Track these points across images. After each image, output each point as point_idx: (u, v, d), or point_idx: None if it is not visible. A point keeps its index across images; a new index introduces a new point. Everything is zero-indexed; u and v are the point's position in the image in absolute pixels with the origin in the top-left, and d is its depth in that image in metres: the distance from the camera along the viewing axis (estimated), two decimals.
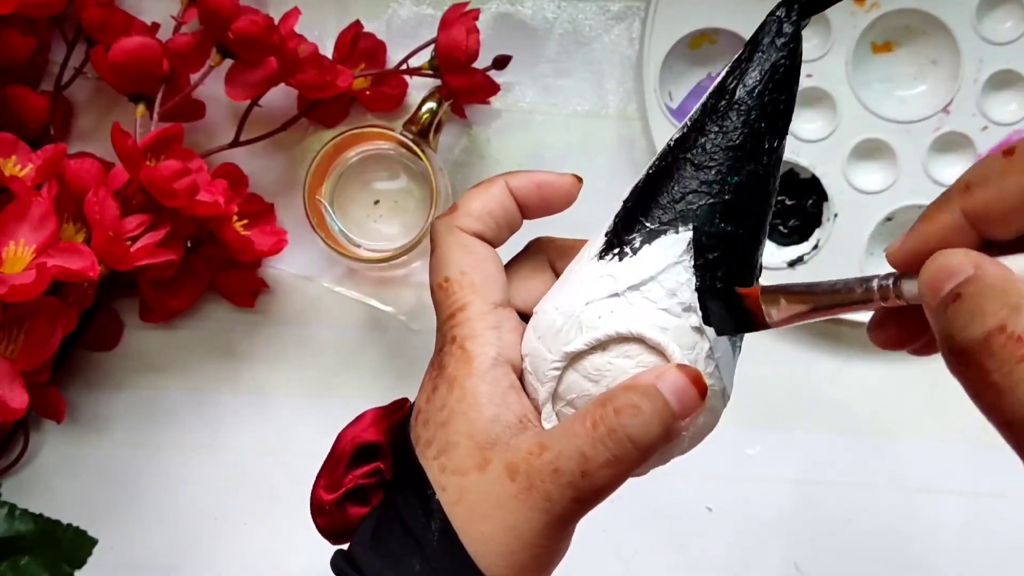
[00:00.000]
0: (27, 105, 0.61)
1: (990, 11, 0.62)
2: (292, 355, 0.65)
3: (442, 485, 0.37)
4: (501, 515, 0.36)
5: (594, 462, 0.35)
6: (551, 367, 0.37)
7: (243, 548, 0.64)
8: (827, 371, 0.64)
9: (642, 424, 0.35)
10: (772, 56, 0.37)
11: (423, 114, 0.61)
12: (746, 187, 0.36)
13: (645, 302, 0.36)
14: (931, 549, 0.63)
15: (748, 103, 0.37)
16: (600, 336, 0.36)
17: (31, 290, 0.51)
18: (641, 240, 0.37)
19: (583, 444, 0.35)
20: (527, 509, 0.36)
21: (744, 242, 0.37)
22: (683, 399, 0.35)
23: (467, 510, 0.36)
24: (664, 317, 0.36)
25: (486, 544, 0.36)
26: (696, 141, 0.37)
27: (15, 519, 0.57)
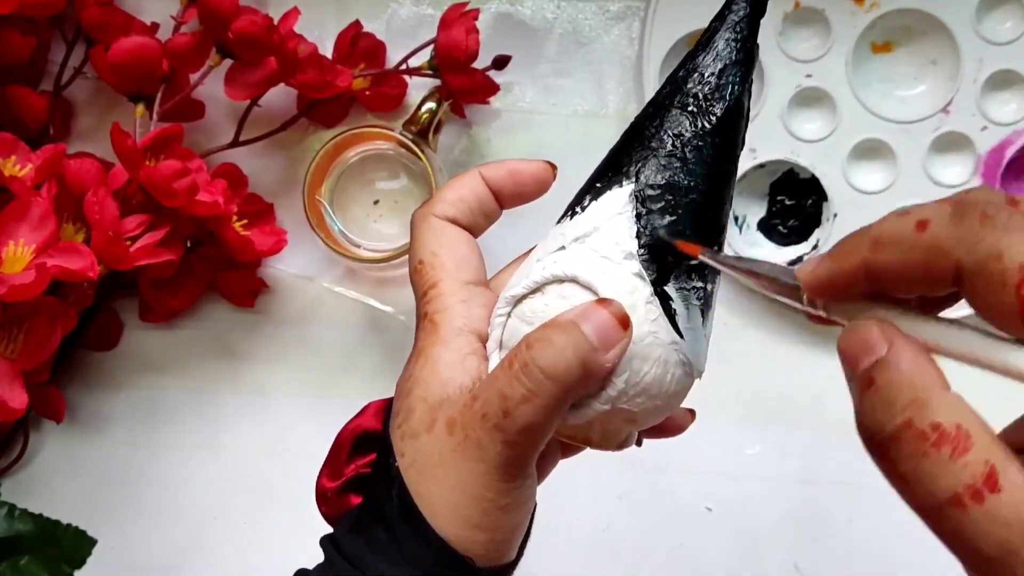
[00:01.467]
0: (27, 105, 0.61)
1: (990, 11, 0.62)
2: (292, 355, 0.65)
3: (400, 451, 0.37)
4: (444, 472, 0.36)
5: (512, 399, 0.35)
6: (496, 316, 0.38)
7: (243, 548, 0.64)
8: (827, 371, 0.64)
9: (553, 354, 0.34)
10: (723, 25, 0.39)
11: (423, 114, 0.61)
12: (690, 143, 0.37)
13: (588, 251, 0.37)
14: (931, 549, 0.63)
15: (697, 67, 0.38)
16: (538, 279, 0.37)
17: (31, 290, 0.51)
18: (590, 198, 0.38)
19: (502, 384, 0.35)
20: (465, 461, 0.36)
21: (691, 193, 0.37)
22: (601, 330, 0.35)
23: (417, 471, 0.37)
24: (604, 263, 0.37)
25: (435, 503, 0.36)
26: (648, 107, 0.39)
27: (15, 519, 0.57)
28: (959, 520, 0.27)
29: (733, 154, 0.38)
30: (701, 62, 0.38)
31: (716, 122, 0.37)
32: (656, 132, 0.38)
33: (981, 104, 0.62)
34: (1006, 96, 0.62)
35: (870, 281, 0.29)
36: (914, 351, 0.27)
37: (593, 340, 0.35)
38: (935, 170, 0.62)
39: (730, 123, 0.38)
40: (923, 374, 0.27)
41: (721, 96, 0.38)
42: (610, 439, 0.39)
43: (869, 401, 0.28)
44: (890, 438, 0.28)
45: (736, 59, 0.38)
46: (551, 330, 0.35)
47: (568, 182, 0.64)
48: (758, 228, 0.64)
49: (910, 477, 0.28)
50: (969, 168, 0.62)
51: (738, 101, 0.38)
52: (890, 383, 0.28)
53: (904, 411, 0.27)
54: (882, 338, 0.28)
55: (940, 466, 0.27)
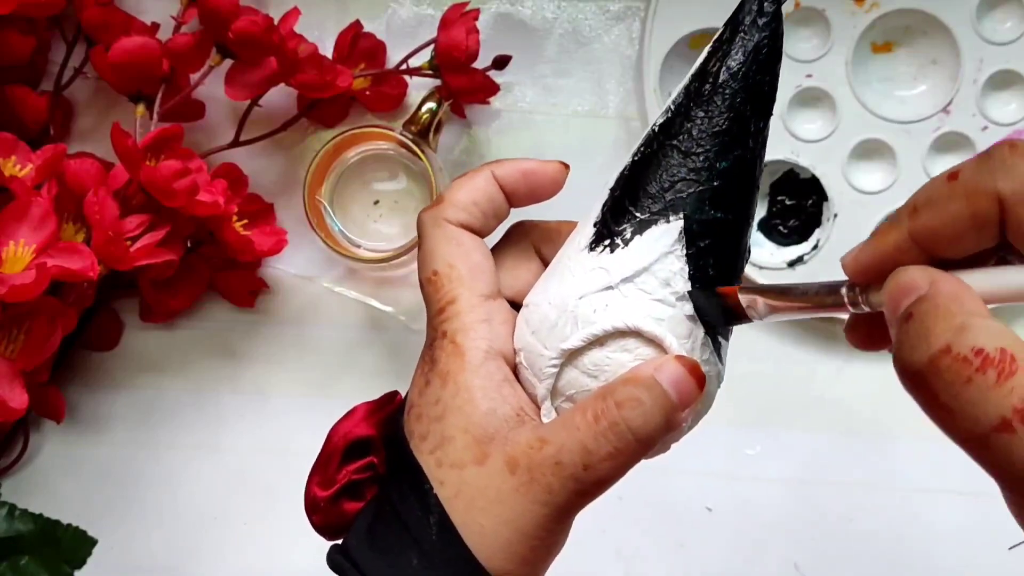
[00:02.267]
0: (27, 105, 0.61)
1: (990, 11, 0.62)
2: (292, 355, 0.65)
3: (440, 479, 0.37)
4: (500, 508, 0.36)
5: (596, 455, 0.35)
6: (548, 364, 0.37)
7: (243, 548, 0.64)
8: (827, 371, 0.64)
9: (643, 416, 0.35)
10: (755, 37, 0.36)
11: (423, 114, 0.61)
12: (734, 172, 0.36)
13: (639, 294, 0.36)
14: (931, 549, 0.63)
15: (732, 86, 0.36)
16: (597, 332, 0.36)
17: (31, 290, 0.51)
18: (632, 231, 0.37)
19: (585, 437, 0.35)
20: (527, 502, 0.36)
21: (733, 228, 0.37)
22: (682, 390, 0.35)
23: (466, 504, 0.36)
24: (659, 308, 0.36)
25: (485, 537, 0.36)
26: (682, 127, 0.37)
27: (15, 519, 0.57)
28: (1007, 444, 0.26)
29: (759, 176, 0.38)
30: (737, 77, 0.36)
31: (753, 148, 0.37)
32: (697, 160, 0.36)
33: (981, 104, 0.62)
34: (1006, 96, 0.62)
35: (920, 249, 0.29)
36: (955, 283, 0.27)
37: (675, 399, 0.35)
38: (935, 170, 0.62)
39: (763, 146, 0.37)
40: (962, 302, 0.27)
41: (761, 117, 0.37)
42: (657, 454, 0.39)
43: (905, 332, 0.27)
44: (928, 366, 0.26)
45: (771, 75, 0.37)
46: (636, 388, 0.35)
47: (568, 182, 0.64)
48: (758, 228, 0.64)
49: (952, 406, 0.26)
50: None
51: (769, 121, 0.37)
52: (928, 312, 0.27)
53: (942, 337, 0.26)
54: (924, 277, 0.28)
55: (985, 391, 0.26)
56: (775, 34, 0.36)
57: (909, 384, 0.27)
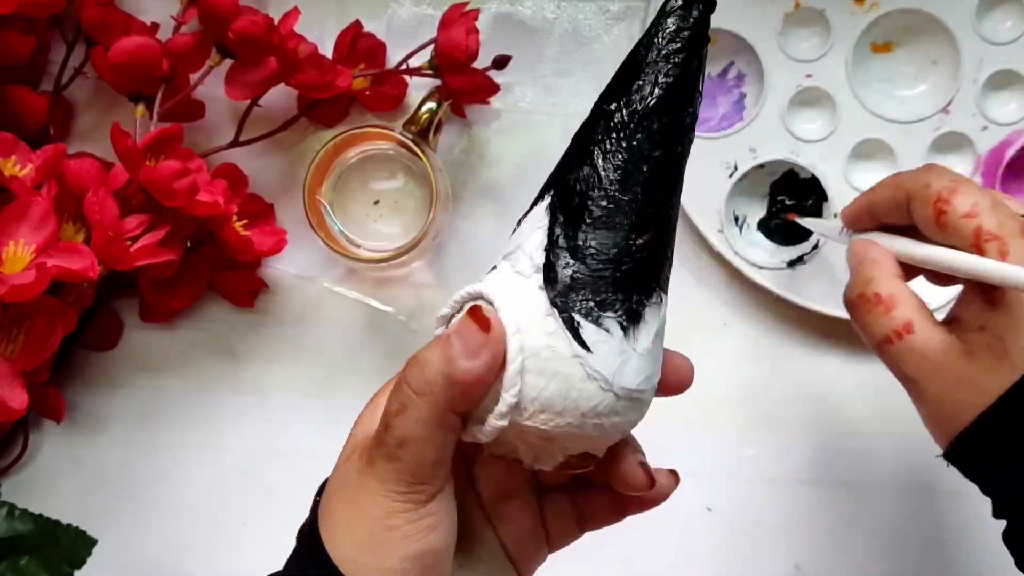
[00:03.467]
0: (27, 105, 0.61)
1: (990, 11, 0.62)
2: (292, 355, 0.65)
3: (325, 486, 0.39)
4: (344, 492, 0.37)
5: (389, 414, 0.36)
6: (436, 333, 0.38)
7: (243, 548, 0.64)
8: (827, 371, 0.64)
9: (418, 369, 0.36)
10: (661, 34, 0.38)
11: (423, 114, 0.61)
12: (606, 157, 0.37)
13: (508, 268, 0.37)
14: (931, 549, 0.63)
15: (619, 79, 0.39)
16: (456, 298, 0.37)
17: (31, 290, 0.51)
18: (523, 216, 0.38)
19: (387, 403, 0.37)
20: (362, 480, 0.37)
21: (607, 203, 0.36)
22: (466, 337, 0.35)
23: (326, 497, 0.38)
24: (516, 279, 0.37)
25: (332, 523, 0.37)
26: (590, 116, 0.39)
27: (15, 519, 0.57)
28: (889, 352, 0.43)
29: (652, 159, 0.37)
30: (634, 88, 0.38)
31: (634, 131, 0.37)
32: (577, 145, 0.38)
33: (981, 104, 0.62)
34: (1006, 96, 0.62)
35: (871, 214, 0.47)
36: (878, 253, 0.45)
37: (459, 349, 0.35)
38: None
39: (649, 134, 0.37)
40: (877, 266, 0.45)
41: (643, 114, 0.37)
42: (542, 458, 0.38)
43: (850, 280, 0.46)
44: (852, 302, 0.45)
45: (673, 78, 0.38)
46: (426, 347, 0.36)
47: None
48: (758, 228, 0.64)
49: (861, 324, 0.44)
50: (969, 168, 0.62)
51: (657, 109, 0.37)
52: (857, 268, 0.46)
53: (860, 285, 0.45)
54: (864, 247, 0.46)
55: (878, 317, 0.43)
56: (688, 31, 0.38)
57: (847, 309, 0.46)
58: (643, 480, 0.40)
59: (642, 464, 0.40)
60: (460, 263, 0.64)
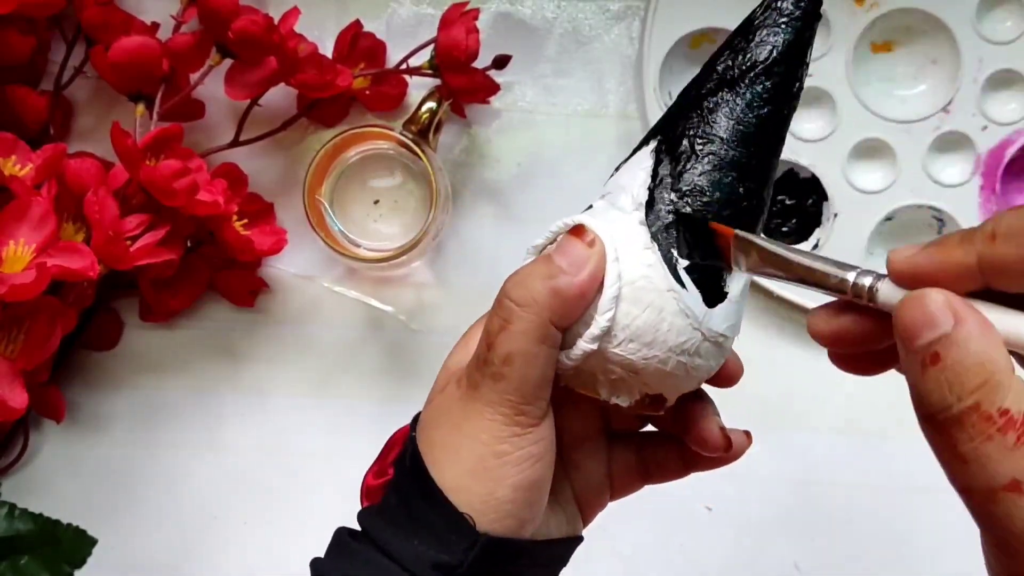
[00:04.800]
0: (27, 105, 0.61)
1: (990, 11, 0.62)
2: (292, 355, 0.65)
3: (420, 419, 0.39)
4: (448, 418, 0.37)
5: (492, 333, 0.36)
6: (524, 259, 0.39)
7: (243, 548, 0.64)
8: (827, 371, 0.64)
9: (521, 283, 0.36)
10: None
11: (423, 114, 0.61)
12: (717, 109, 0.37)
13: (606, 205, 0.38)
14: (931, 549, 0.63)
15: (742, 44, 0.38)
16: (554, 229, 0.38)
17: (31, 290, 0.51)
18: (624, 160, 0.39)
19: (487, 323, 0.36)
20: (464, 404, 0.37)
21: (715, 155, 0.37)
22: (571, 253, 0.35)
23: (426, 428, 0.38)
24: (615, 213, 0.37)
25: (438, 452, 0.37)
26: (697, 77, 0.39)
27: (15, 519, 0.57)
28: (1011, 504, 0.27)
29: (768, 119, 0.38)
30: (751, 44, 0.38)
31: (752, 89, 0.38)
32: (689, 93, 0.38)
33: (981, 104, 0.62)
34: (1006, 96, 0.62)
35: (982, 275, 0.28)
36: (983, 328, 0.27)
37: (562, 264, 0.35)
38: (935, 170, 0.62)
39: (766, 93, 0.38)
40: (993, 356, 0.27)
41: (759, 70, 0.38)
42: (619, 392, 0.38)
43: (934, 379, 0.27)
44: (955, 419, 0.27)
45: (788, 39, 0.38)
46: (526, 266, 0.36)
47: (568, 181, 0.64)
48: None
49: (970, 458, 0.27)
50: (969, 168, 0.62)
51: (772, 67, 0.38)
52: (959, 363, 0.27)
53: (973, 394, 0.27)
54: (948, 311, 0.27)
55: (1003, 451, 0.26)
56: None
57: (930, 429, 0.28)
58: (721, 442, 0.41)
59: (721, 427, 0.41)
60: (460, 263, 0.64)
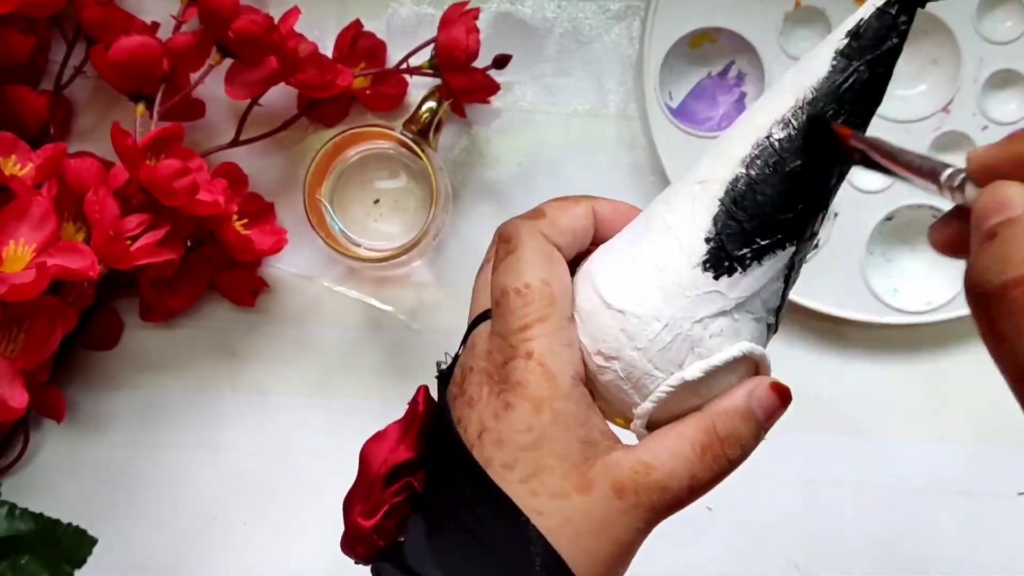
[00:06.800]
0: (27, 104, 0.61)
1: (990, 10, 0.62)
2: (292, 355, 0.65)
3: (538, 510, 0.36)
4: (609, 531, 0.37)
5: (701, 480, 0.38)
6: (663, 388, 0.37)
7: (243, 548, 0.64)
8: (827, 371, 0.64)
9: (742, 448, 0.38)
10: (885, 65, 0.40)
11: (423, 113, 0.61)
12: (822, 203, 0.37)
13: (746, 316, 0.37)
14: (931, 549, 0.63)
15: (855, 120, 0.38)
16: (718, 363, 0.37)
17: (31, 289, 0.51)
18: (751, 257, 0.36)
19: (694, 468, 0.37)
20: (632, 521, 0.37)
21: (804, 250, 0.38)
22: (769, 412, 0.38)
23: (573, 532, 0.36)
24: (758, 328, 0.37)
25: (594, 559, 0.37)
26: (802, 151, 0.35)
27: (15, 518, 0.57)
28: None
29: None
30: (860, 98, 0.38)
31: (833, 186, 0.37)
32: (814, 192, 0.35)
33: (982, 103, 0.62)
34: (1006, 95, 0.62)
35: None
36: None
37: (763, 422, 0.38)
38: None
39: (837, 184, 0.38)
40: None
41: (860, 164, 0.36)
42: None
43: (986, 253, 0.26)
44: (998, 290, 0.26)
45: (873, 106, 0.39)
46: (738, 423, 0.38)
47: (568, 181, 0.64)
48: None
49: (1009, 335, 0.26)
50: None
51: None
52: (1012, 236, 0.26)
53: (1019, 266, 0.26)
54: (1020, 197, 0.26)
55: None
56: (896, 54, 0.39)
57: (974, 303, 0.27)
58: None
59: None
60: (460, 263, 0.64)
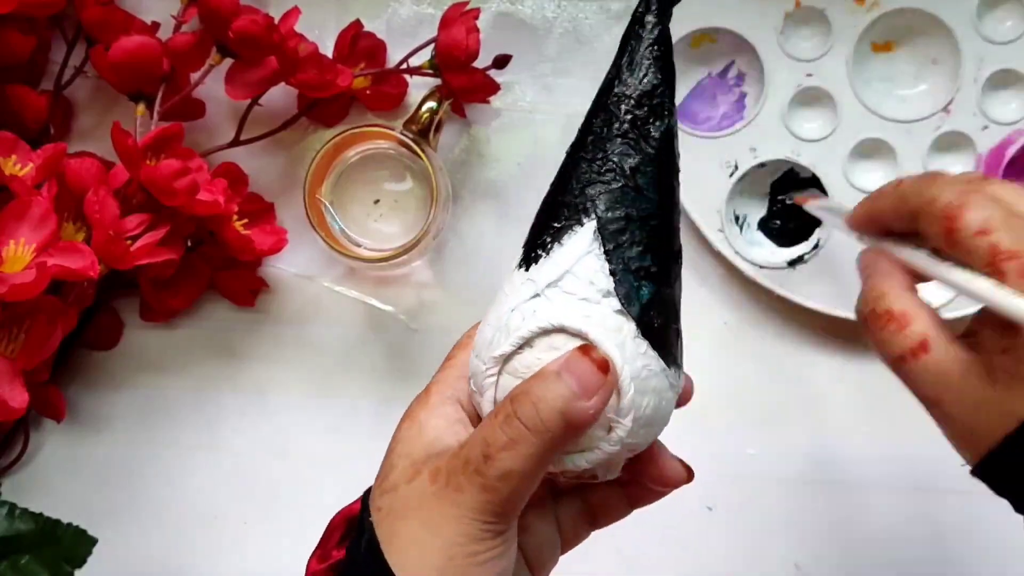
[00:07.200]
0: (27, 104, 0.61)
1: (990, 10, 0.61)
2: (292, 355, 0.65)
3: (377, 506, 0.38)
4: (418, 513, 0.37)
5: (494, 445, 0.36)
6: (486, 376, 0.38)
7: (243, 548, 0.64)
8: (827, 371, 0.64)
9: (533, 407, 0.36)
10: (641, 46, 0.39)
11: (423, 113, 0.61)
12: (639, 170, 0.38)
13: (565, 296, 0.37)
14: (931, 549, 0.63)
15: (627, 92, 0.39)
16: (524, 334, 0.37)
17: (31, 289, 0.51)
18: (551, 239, 0.38)
19: (486, 432, 0.36)
20: (441, 503, 0.36)
21: (651, 221, 0.38)
22: (583, 378, 0.36)
23: (390, 517, 0.37)
24: (585, 306, 0.37)
25: (404, 544, 0.37)
26: (586, 139, 0.39)
27: (15, 519, 0.57)
28: (906, 372, 0.39)
29: (675, 169, 0.40)
30: (629, 86, 0.39)
31: (657, 144, 0.38)
32: (603, 164, 0.38)
33: (982, 103, 0.62)
34: (1007, 95, 0.62)
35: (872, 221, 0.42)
36: (888, 266, 0.40)
37: (575, 389, 0.36)
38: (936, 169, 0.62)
39: (668, 142, 0.39)
40: (888, 280, 0.40)
41: (657, 117, 0.39)
42: (613, 470, 0.40)
43: (861, 295, 0.41)
44: (865, 317, 0.40)
45: (661, 78, 0.39)
46: (534, 382, 0.36)
47: None
48: (759, 228, 0.64)
49: (875, 342, 0.40)
50: (969, 167, 0.62)
51: (671, 119, 0.39)
52: (867, 283, 0.41)
53: (871, 301, 0.40)
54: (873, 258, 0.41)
55: (892, 335, 0.39)
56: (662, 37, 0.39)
57: (861, 324, 0.40)
58: (683, 472, 0.43)
59: (679, 459, 0.43)
60: (460, 263, 0.64)
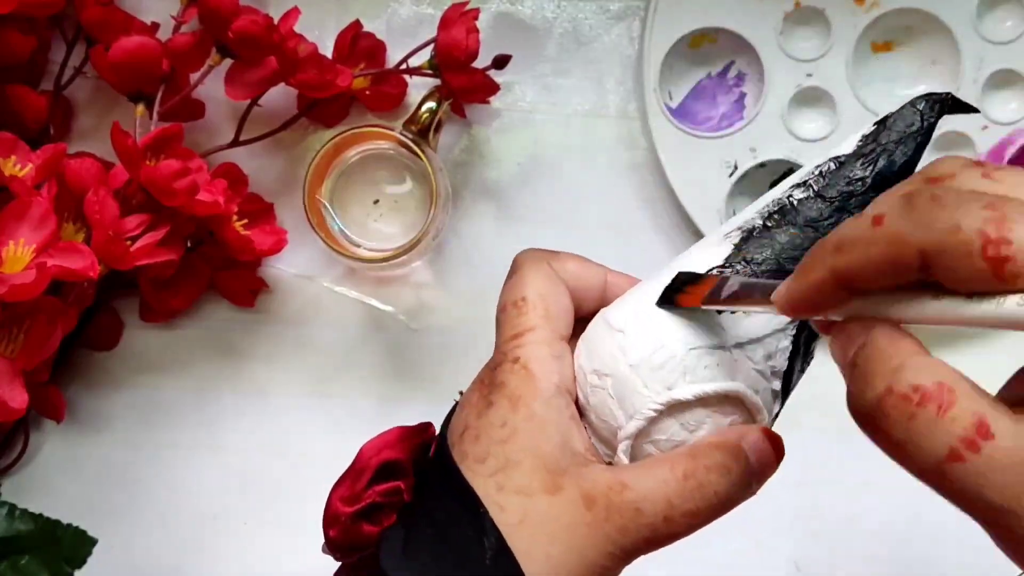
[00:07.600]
0: (27, 105, 0.61)
1: (990, 10, 0.62)
2: (292, 355, 0.65)
3: (500, 504, 0.36)
4: (570, 538, 0.36)
5: (678, 510, 0.36)
6: (650, 406, 0.37)
7: (243, 548, 0.64)
8: (827, 371, 0.64)
9: (729, 484, 0.37)
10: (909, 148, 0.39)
11: (423, 113, 0.61)
12: None
13: (747, 361, 0.37)
14: (931, 549, 0.63)
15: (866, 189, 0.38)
16: (709, 391, 0.36)
17: (31, 290, 0.51)
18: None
19: (671, 492, 0.36)
20: (598, 536, 0.36)
21: None
22: (763, 462, 0.38)
23: (532, 531, 0.36)
24: (757, 379, 0.38)
25: (547, 564, 0.36)
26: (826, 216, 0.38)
27: (15, 519, 0.57)
28: (961, 474, 0.27)
29: None
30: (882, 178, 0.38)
31: None
32: None
33: (981, 103, 0.62)
34: (1006, 95, 0.62)
35: (841, 286, 0.29)
36: (889, 329, 0.28)
37: (756, 470, 0.38)
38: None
39: None
40: (897, 345, 0.28)
41: None
42: None
43: (852, 379, 0.29)
44: (875, 407, 0.28)
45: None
46: (728, 456, 0.37)
47: (568, 181, 0.64)
48: None
49: (904, 441, 0.27)
50: None
51: None
52: (868, 357, 0.28)
53: (884, 380, 0.27)
54: (862, 329, 0.29)
55: (930, 424, 0.27)
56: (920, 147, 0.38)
57: (864, 427, 0.29)
58: None
59: None
60: (460, 263, 0.64)
